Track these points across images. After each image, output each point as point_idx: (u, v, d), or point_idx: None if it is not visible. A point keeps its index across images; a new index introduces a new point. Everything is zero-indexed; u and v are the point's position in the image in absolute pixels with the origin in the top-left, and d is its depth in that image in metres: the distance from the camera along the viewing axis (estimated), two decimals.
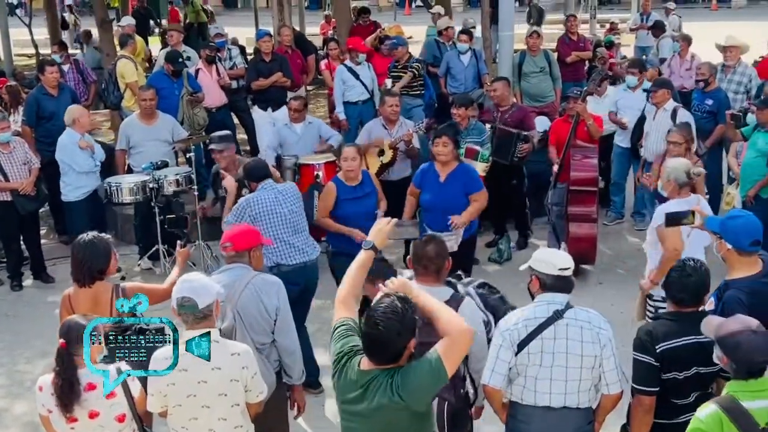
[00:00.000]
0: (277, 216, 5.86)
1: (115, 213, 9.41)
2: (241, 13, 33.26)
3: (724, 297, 4.23)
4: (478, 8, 16.16)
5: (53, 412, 3.78)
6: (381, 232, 3.73)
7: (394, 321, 3.16)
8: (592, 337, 3.87)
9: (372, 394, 3.20)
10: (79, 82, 10.94)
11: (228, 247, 4.52)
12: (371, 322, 3.17)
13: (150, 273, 8.30)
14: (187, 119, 9.39)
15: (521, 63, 10.60)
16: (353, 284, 3.57)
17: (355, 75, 9.94)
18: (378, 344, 3.19)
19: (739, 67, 9.53)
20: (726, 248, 4.31)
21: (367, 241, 3.70)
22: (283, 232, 5.86)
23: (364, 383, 3.22)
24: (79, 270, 4.52)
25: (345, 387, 3.30)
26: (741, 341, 3.34)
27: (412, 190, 6.90)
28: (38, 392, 3.84)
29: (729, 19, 29.39)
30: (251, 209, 5.84)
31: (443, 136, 6.61)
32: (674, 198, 5.71)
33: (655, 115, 8.21)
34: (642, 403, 3.96)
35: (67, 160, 7.97)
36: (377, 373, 3.21)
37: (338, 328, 3.40)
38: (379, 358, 3.22)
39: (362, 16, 13.93)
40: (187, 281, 3.86)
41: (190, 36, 15.76)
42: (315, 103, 13.76)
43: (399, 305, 3.20)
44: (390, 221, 3.81)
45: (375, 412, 3.21)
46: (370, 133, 8.22)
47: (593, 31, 20.43)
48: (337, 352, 3.34)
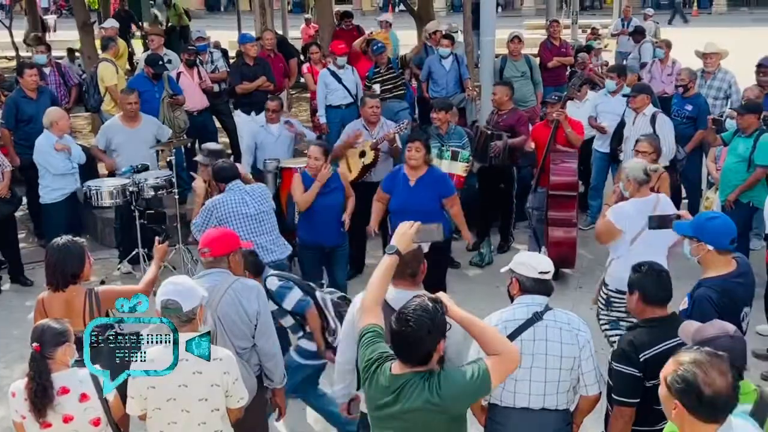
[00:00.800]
0: (244, 217, 6.05)
1: (95, 216, 9.36)
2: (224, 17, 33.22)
3: (695, 295, 4.28)
4: (461, 13, 16.23)
5: (27, 418, 3.75)
6: (404, 235, 3.68)
7: (426, 319, 3.16)
8: (571, 338, 3.89)
9: (406, 396, 3.19)
10: (61, 84, 10.86)
11: (206, 252, 4.49)
12: (402, 319, 3.18)
13: (130, 277, 8.25)
14: (168, 122, 9.35)
15: (503, 68, 10.66)
16: (378, 290, 3.54)
17: (338, 79, 9.94)
18: (409, 342, 3.18)
19: (719, 73, 9.61)
20: (706, 249, 4.35)
21: (391, 246, 3.68)
22: (249, 233, 6.03)
23: (398, 387, 3.20)
24: (53, 274, 4.49)
25: (376, 393, 3.28)
26: (718, 347, 3.36)
27: (380, 196, 6.92)
28: (11, 398, 3.80)
29: (709, 25, 29.67)
30: (217, 211, 6.03)
31: (416, 141, 6.69)
32: (635, 197, 5.71)
33: (634, 120, 8.25)
34: (623, 415, 3.96)
35: (42, 162, 7.95)
36: (411, 376, 3.20)
37: (366, 335, 3.38)
38: (409, 357, 3.21)
39: (345, 20, 13.94)
40: (172, 283, 3.84)
41: (172, 39, 15.73)
42: (297, 107, 13.75)
43: (430, 304, 3.22)
44: (413, 225, 3.77)
45: (410, 414, 3.20)
46: (350, 135, 8.21)
47: (575, 36, 20.56)
48: (366, 359, 3.31)
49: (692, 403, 2.70)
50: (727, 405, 2.72)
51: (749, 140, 7.32)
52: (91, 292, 4.51)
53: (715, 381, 2.68)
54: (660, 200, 5.72)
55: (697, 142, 8.78)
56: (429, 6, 15.64)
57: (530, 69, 10.79)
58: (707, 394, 2.67)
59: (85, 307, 4.42)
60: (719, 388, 2.67)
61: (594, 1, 42.85)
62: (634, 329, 4.06)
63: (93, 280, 7.22)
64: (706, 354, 2.76)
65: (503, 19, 24.90)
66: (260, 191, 6.26)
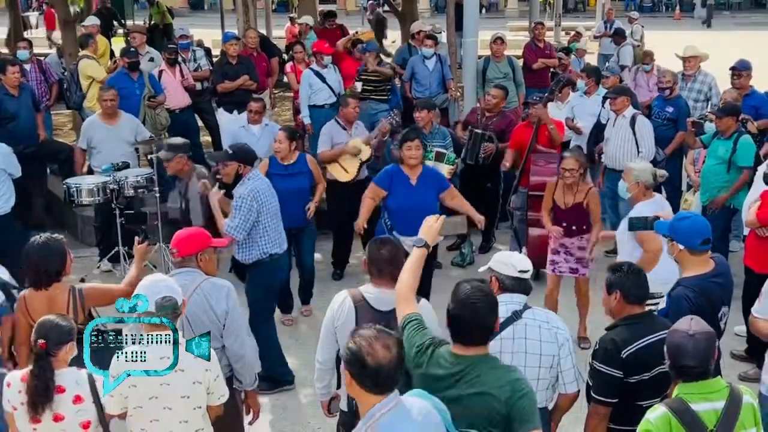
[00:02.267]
0: (273, 205, 6.11)
1: (75, 215, 9.31)
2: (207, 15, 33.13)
3: (672, 294, 4.33)
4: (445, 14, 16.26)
5: (18, 409, 3.74)
6: (431, 228, 3.89)
7: (490, 299, 3.35)
8: (551, 336, 3.92)
9: (471, 378, 3.28)
10: (41, 81, 10.78)
11: (174, 252, 4.47)
12: (467, 303, 3.29)
13: (110, 275, 8.21)
14: (149, 119, 9.33)
15: (485, 69, 10.69)
16: (410, 280, 3.71)
17: (322, 78, 9.93)
18: (476, 322, 3.31)
19: (699, 76, 9.70)
20: (678, 249, 4.44)
21: (419, 239, 3.84)
22: (277, 221, 6.15)
23: (461, 369, 3.30)
24: (36, 272, 4.45)
25: (433, 376, 3.34)
26: (673, 342, 3.41)
27: (375, 192, 6.77)
28: (6, 388, 3.78)
29: (692, 28, 29.89)
30: (261, 196, 5.98)
31: (415, 139, 6.66)
32: (640, 200, 5.90)
33: (614, 121, 8.30)
34: (598, 412, 4.00)
35: None
36: (475, 359, 3.31)
37: (410, 323, 3.50)
38: (474, 338, 3.33)
39: (328, 19, 13.94)
40: (162, 280, 3.85)
41: (154, 37, 15.66)
42: (280, 106, 13.72)
43: (482, 285, 3.40)
44: (439, 218, 3.93)
45: (474, 397, 3.28)
46: (331, 136, 8.19)
47: (558, 38, 20.66)
48: (418, 344, 3.41)
49: (358, 372, 2.95)
50: (390, 377, 2.95)
51: (728, 142, 7.39)
52: (75, 290, 4.49)
53: (377, 353, 2.92)
54: (663, 200, 6.07)
55: (678, 144, 8.84)
56: (413, 7, 15.66)
57: (513, 70, 10.84)
58: (370, 364, 2.91)
59: (69, 304, 4.40)
60: (381, 360, 2.91)
61: (577, 4, 43.13)
62: (613, 329, 4.09)
63: (72, 277, 7.17)
64: (375, 330, 3.02)
65: (486, 21, 25.00)
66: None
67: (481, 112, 8.83)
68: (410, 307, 3.60)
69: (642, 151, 8.00)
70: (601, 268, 7.32)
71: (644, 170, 5.96)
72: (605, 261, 8.07)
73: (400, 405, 2.99)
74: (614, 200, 8.17)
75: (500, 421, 3.29)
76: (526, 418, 3.28)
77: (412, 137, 6.70)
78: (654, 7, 42.39)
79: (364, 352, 2.94)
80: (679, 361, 3.37)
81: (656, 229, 4.73)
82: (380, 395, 2.97)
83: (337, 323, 4.13)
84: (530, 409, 3.32)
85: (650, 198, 5.93)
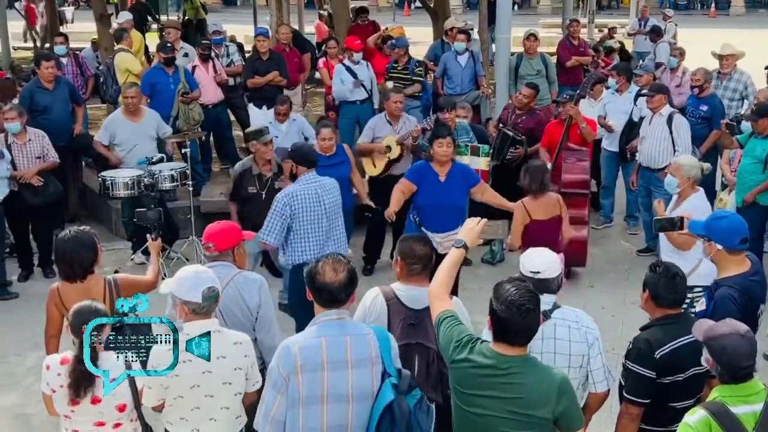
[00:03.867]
0: (314, 212, 5.93)
1: (110, 207, 9.41)
2: (240, 11, 33.29)
3: (716, 295, 4.27)
4: (477, 10, 16.21)
5: (57, 392, 3.83)
6: (472, 231, 3.88)
7: (535, 299, 3.31)
8: (580, 336, 3.90)
9: (513, 378, 3.28)
10: (78, 75, 10.92)
11: (210, 247, 4.49)
12: (513, 304, 3.25)
13: (143, 267, 8.25)
14: (182, 115, 9.40)
15: (518, 66, 10.63)
16: (446, 279, 3.72)
17: (353, 74, 9.95)
18: (528, 325, 3.29)
19: (735, 74, 9.60)
20: (716, 249, 4.37)
21: (459, 240, 3.84)
22: (318, 227, 5.96)
23: (505, 367, 3.29)
24: (70, 267, 4.48)
25: (473, 374, 3.34)
26: (727, 345, 3.34)
27: (406, 186, 6.68)
28: (45, 370, 3.87)
29: (727, 26, 29.50)
30: (291, 206, 5.86)
31: (447, 136, 6.60)
32: (690, 194, 6.00)
33: (651, 120, 8.23)
34: (629, 412, 3.97)
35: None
36: (518, 360, 3.30)
37: (446, 319, 3.51)
38: (519, 339, 3.31)
39: (361, 15, 13.95)
40: (204, 272, 3.88)
41: (188, 32, 15.77)
42: (312, 102, 13.76)
43: (527, 285, 3.37)
44: (480, 221, 3.93)
45: (515, 397, 3.27)
46: (374, 130, 8.27)
47: (591, 35, 20.49)
48: (457, 339, 3.41)
49: (310, 286, 3.56)
50: (332, 294, 3.49)
51: (766, 142, 7.29)
52: (110, 280, 4.55)
53: (325, 274, 3.50)
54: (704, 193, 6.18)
55: (712, 142, 8.77)
56: (445, 3, 15.62)
57: (546, 67, 10.76)
58: (318, 281, 3.50)
59: (105, 294, 4.45)
60: (326, 279, 3.49)
61: (611, 1, 42.66)
62: (647, 329, 4.06)
63: (107, 269, 7.26)
64: (332, 257, 3.59)
65: (519, 17, 24.87)
66: (331, 185, 6.12)
67: (512, 110, 8.80)
68: (445, 305, 3.60)
69: (678, 149, 7.93)
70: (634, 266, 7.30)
71: (693, 165, 6.03)
72: (640, 261, 8.04)
73: (342, 320, 3.53)
74: (648, 198, 8.10)
75: (541, 422, 3.29)
76: (570, 421, 3.33)
77: (444, 134, 6.65)
78: (689, 4, 41.85)
79: (314, 272, 3.53)
80: (737, 363, 3.31)
81: (691, 230, 4.66)
82: (326, 308, 3.52)
83: (367, 320, 4.11)
84: (574, 411, 3.34)
85: (697, 192, 6.03)
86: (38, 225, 8.23)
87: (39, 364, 3.97)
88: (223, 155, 10.69)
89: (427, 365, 4.08)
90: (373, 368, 3.50)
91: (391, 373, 3.51)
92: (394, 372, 3.52)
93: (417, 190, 6.66)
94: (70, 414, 3.88)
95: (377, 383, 3.50)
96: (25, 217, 8.15)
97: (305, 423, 3.42)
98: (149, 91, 9.40)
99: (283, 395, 3.43)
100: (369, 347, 3.51)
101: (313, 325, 3.54)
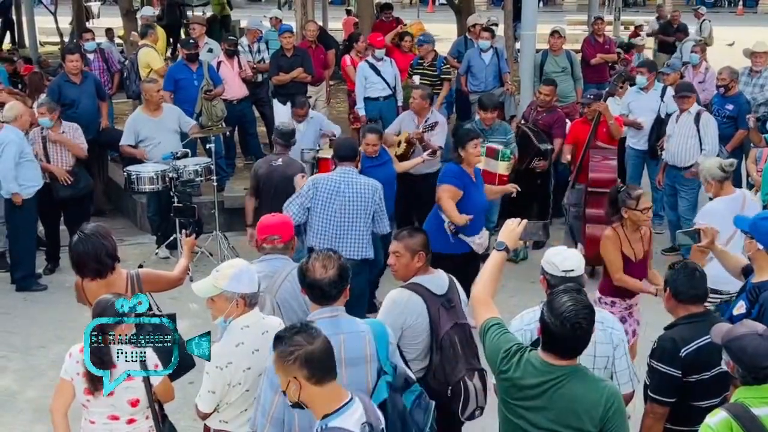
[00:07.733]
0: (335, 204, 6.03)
1: (135, 202, 9.47)
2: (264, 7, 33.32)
3: (761, 299, 4.19)
4: (501, 8, 16.13)
5: (74, 379, 3.89)
6: (513, 233, 3.84)
7: (591, 315, 3.24)
8: (605, 337, 3.87)
9: (562, 389, 3.22)
10: (104, 70, 10.99)
11: (276, 240, 4.56)
12: (569, 320, 3.17)
13: (167, 262, 8.32)
14: (206, 111, 9.43)
15: (543, 63, 10.59)
16: (490, 284, 3.65)
17: (377, 71, 9.96)
18: (579, 341, 3.23)
19: (765, 72, 9.48)
20: (756, 248, 4.31)
21: (500, 242, 3.80)
22: (327, 222, 6.06)
23: (552, 378, 3.23)
24: (98, 262, 4.44)
25: (521, 382, 3.28)
26: (746, 345, 3.31)
27: (454, 193, 6.22)
28: (67, 358, 3.94)
29: (754, 23, 29.17)
30: (314, 189, 6.05)
31: (478, 137, 6.47)
32: (719, 195, 5.86)
33: (678, 118, 8.16)
34: (654, 411, 3.95)
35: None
36: (568, 370, 3.24)
37: (492, 327, 3.44)
38: (571, 352, 3.26)
39: (385, 12, 13.93)
40: (247, 264, 3.94)
41: (213, 28, 15.83)
42: (335, 98, 13.77)
43: (583, 298, 3.30)
44: (520, 222, 3.89)
45: (564, 409, 3.22)
46: (401, 123, 8.32)
47: (617, 33, 20.33)
48: (506, 348, 3.34)
49: (301, 282, 3.66)
50: (323, 290, 3.57)
51: None
52: (133, 275, 4.57)
53: (315, 270, 3.58)
54: (746, 197, 5.85)
55: (738, 141, 8.68)
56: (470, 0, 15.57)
57: (571, 64, 10.71)
58: (308, 278, 3.59)
59: (128, 288, 4.46)
60: (316, 276, 3.57)
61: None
62: (672, 327, 4.03)
63: (130, 263, 7.30)
64: (323, 253, 3.66)
65: (544, 14, 24.70)
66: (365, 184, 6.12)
67: (534, 107, 8.76)
68: (490, 311, 3.52)
69: (705, 148, 7.86)
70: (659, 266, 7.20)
71: (709, 167, 5.90)
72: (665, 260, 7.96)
73: (336, 318, 3.57)
74: (673, 197, 8.03)
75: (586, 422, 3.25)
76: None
77: (478, 135, 6.53)
78: (717, 2, 41.42)
79: (305, 268, 3.60)
80: (758, 363, 3.28)
81: (735, 224, 4.64)
82: (319, 305, 3.60)
83: (408, 320, 4.16)
84: (621, 424, 3.28)
85: (729, 193, 5.85)
86: (69, 217, 8.28)
87: (62, 357, 4.00)
88: (247, 151, 10.73)
89: (466, 339, 4.27)
90: (367, 366, 3.55)
91: (387, 370, 3.55)
92: (389, 369, 3.56)
93: (462, 196, 6.31)
94: (87, 404, 3.94)
95: (372, 381, 3.54)
96: (56, 210, 8.24)
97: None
98: (173, 86, 9.44)
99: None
100: (364, 345, 3.57)
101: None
